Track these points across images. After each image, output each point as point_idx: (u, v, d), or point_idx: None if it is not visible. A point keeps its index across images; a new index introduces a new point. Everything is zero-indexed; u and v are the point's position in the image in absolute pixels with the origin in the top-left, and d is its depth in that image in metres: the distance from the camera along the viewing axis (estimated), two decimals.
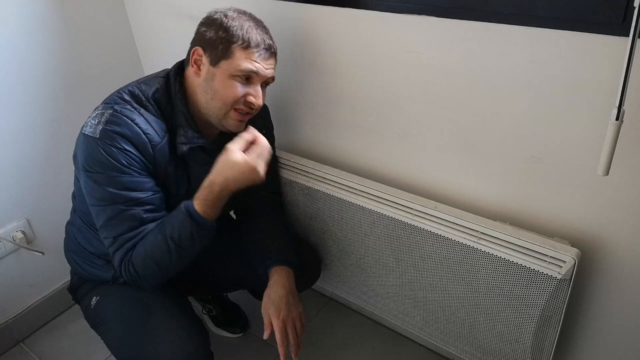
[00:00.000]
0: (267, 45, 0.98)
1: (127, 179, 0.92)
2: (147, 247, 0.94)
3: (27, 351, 1.49)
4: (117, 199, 0.93)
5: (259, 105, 1.00)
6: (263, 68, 0.97)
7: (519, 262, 0.95)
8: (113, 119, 0.92)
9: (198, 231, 0.94)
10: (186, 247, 0.95)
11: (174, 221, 0.94)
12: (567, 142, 0.89)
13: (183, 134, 0.98)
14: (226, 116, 1.00)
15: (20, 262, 1.47)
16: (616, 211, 0.90)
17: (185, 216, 0.93)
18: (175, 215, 0.95)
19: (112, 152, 0.91)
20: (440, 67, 0.97)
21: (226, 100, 0.97)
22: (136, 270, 0.95)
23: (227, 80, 0.96)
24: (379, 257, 1.20)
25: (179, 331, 1.01)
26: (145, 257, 0.94)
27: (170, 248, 0.94)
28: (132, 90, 0.98)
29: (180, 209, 0.94)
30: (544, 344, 1.03)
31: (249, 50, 0.95)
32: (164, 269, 0.96)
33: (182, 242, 0.94)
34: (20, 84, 1.33)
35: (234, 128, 1.02)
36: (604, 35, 0.76)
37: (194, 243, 0.95)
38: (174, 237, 0.93)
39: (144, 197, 0.95)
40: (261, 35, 0.97)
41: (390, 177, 1.19)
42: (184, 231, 0.93)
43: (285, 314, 1.05)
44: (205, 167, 1.03)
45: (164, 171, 0.99)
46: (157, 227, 0.96)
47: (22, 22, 1.29)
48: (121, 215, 0.93)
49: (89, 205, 0.96)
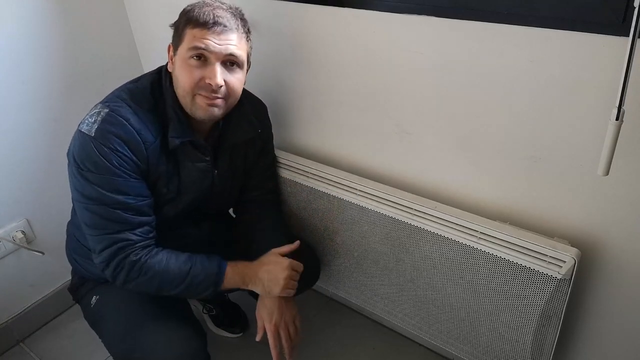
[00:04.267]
0: (218, 20, 0.92)
1: (117, 181, 0.93)
2: (164, 270, 0.98)
3: (27, 351, 1.49)
4: (105, 200, 0.93)
5: (216, 85, 0.93)
6: (214, 44, 0.92)
7: (519, 262, 0.95)
8: (109, 118, 0.92)
9: (213, 288, 1.02)
10: (193, 292, 1.01)
11: (203, 268, 1.01)
12: (567, 142, 0.89)
13: (174, 128, 0.98)
14: (193, 104, 0.96)
15: (20, 262, 1.47)
16: (616, 211, 0.90)
17: (216, 270, 1.02)
18: (207, 266, 1.01)
19: (105, 153, 0.91)
20: (440, 67, 0.97)
21: (184, 86, 0.95)
22: (138, 277, 0.97)
23: (184, 65, 0.94)
24: (379, 257, 1.20)
25: (176, 332, 1.01)
26: (156, 274, 0.97)
27: (183, 284, 0.99)
28: (131, 88, 0.98)
29: (214, 262, 1.03)
30: (544, 344, 1.03)
31: (198, 28, 0.92)
32: (158, 291, 1.00)
33: (196, 287, 1.00)
34: (20, 84, 1.33)
35: (205, 115, 0.97)
36: (604, 35, 0.76)
37: (199, 293, 1.02)
38: (193, 280, 1.00)
39: (132, 202, 0.95)
40: (212, 12, 0.93)
41: (390, 176, 1.19)
42: (205, 282, 1.01)
43: (277, 317, 1.05)
44: (197, 164, 1.03)
45: (156, 170, 0.99)
46: (183, 258, 1.00)
47: (22, 22, 1.29)
48: (107, 215, 0.94)
49: (74, 200, 0.97)
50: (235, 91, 0.99)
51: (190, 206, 1.07)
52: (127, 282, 0.98)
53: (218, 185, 1.11)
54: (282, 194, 1.31)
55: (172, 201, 1.04)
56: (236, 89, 0.99)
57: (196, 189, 1.06)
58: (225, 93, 0.96)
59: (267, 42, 1.20)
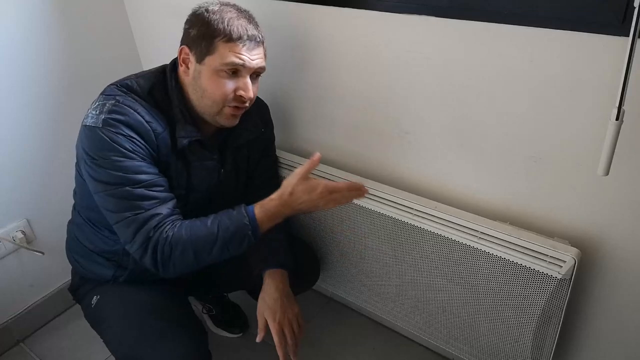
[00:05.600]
0: (251, 35, 0.94)
1: (131, 163, 0.91)
2: (192, 236, 0.92)
3: (27, 351, 1.49)
4: (125, 182, 0.91)
5: (249, 98, 0.98)
6: (249, 59, 0.95)
7: (519, 262, 0.95)
8: (115, 108, 0.91)
9: (249, 237, 0.94)
10: (232, 248, 0.94)
11: (231, 220, 0.94)
12: (567, 142, 0.89)
13: (181, 129, 0.98)
14: (220, 113, 0.99)
15: (20, 262, 1.47)
16: (616, 211, 0.90)
17: (244, 218, 0.93)
18: (234, 216, 0.94)
19: (116, 138, 0.90)
20: (440, 67, 0.97)
21: (216, 99, 0.96)
22: (171, 253, 0.92)
23: (213, 77, 0.95)
24: (379, 257, 1.20)
25: (177, 331, 1.01)
26: (186, 244, 0.92)
27: (217, 244, 0.93)
28: (130, 84, 0.97)
29: (240, 210, 0.94)
30: (544, 344, 1.03)
31: (232, 43, 0.93)
32: (198, 260, 0.94)
33: (231, 241, 0.93)
34: (20, 84, 1.33)
35: (228, 123, 1.01)
36: (604, 35, 0.76)
37: (241, 246, 0.94)
38: (225, 235, 0.92)
39: (153, 179, 0.93)
40: (244, 26, 0.94)
41: (390, 177, 1.19)
42: (239, 233, 0.93)
43: (281, 316, 1.05)
44: (205, 162, 1.03)
45: (165, 161, 0.98)
46: (208, 220, 0.94)
47: (22, 22, 1.29)
48: (131, 196, 0.91)
49: (94, 193, 0.94)
50: (254, 98, 1.02)
51: (196, 205, 1.07)
52: (166, 263, 0.93)
53: (224, 184, 1.11)
54: None
55: (180, 199, 1.03)
56: (255, 96, 1.02)
57: (203, 188, 1.06)
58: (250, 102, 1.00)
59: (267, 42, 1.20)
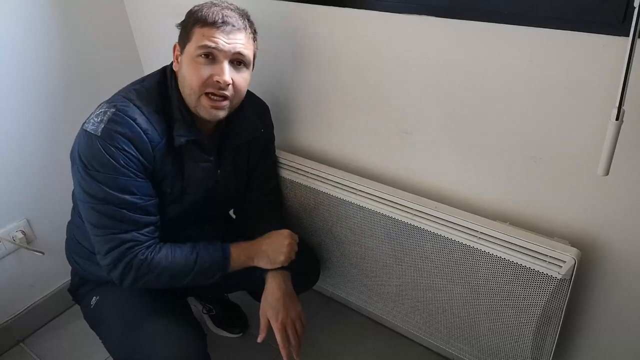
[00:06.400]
0: (228, 20, 0.94)
1: (123, 180, 0.93)
2: (172, 263, 0.99)
3: (27, 351, 1.49)
4: (112, 200, 0.93)
5: (225, 82, 0.94)
6: (223, 42, 0.93)
7: (519, 262, 0.95)
8: (115, 117, 0.92)
9: (222, 272, 1.04)
10: (202, 278, 1.03)
11: (208, 252, 1.03)
12: (567, 142, 0.89)
13: (179, 127, 0.98)
14: (198, 102, 0.96)
15: (20, 262, 1.47)
16: (616, 211, 0.90)
17: (221, 255, 1.04)
18: (212, 250, 1.04)
19: (111, 152, 0.91)
20: (440, 67, 0.97)
21: (192, 84, 0.95)
22: (147, 274, 0.97)
23: (191, 64, 0.95)
24: (379, 257, 1.20)
25: (176, 333, 1.01)
26: (164, 269, 0.99)
27: (193, 272, 1.01)
28: (137, 89, 0.98)
29: (218, 247, 1.05)
30: (544, 344, 1.03)
31: (207, 27, 0.93)
32: (170, 284, 1.01)
33: (205, 272, 1.02)
34: (20, 84, 1.33)
35: (208, 114, 0.97)
36: (604, 35, 0.76)
37: (211, 277, 1.03)
38: (202, 266, 1.02)
39: (139, 202, 0.95)
40: (221, 12, 0.94)
41: (390, 176, 1.19)
42: (213, 266, 1.03)
43: (284, 315, 1.05)
44: (200, 164, 1.03)
45: (161, 170, 0.99)
46: (188, 249, 1.02)
47: (22, 22, 1.29)
48: (115, 215, 0.94)
49: (79, 200, 0.96)
50: (241, 90, 1.00)
51: (193, 207, 1.07)
52: (136, 281, 0.97)
53: (221, 185, 1.11)
54: (282, 194, 1.31)
55: (176, 201, 1.04)
56: (242, 88, 1.00)
57: (200, 190, 1.07)
58: (231, 92, 0.97)
59: (267, 42, 1.20)
